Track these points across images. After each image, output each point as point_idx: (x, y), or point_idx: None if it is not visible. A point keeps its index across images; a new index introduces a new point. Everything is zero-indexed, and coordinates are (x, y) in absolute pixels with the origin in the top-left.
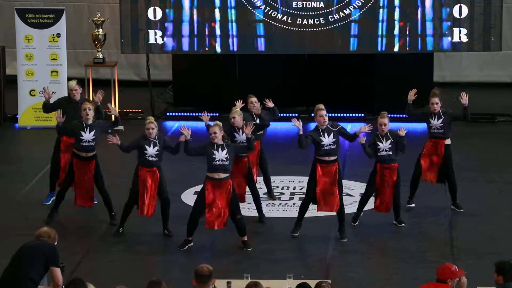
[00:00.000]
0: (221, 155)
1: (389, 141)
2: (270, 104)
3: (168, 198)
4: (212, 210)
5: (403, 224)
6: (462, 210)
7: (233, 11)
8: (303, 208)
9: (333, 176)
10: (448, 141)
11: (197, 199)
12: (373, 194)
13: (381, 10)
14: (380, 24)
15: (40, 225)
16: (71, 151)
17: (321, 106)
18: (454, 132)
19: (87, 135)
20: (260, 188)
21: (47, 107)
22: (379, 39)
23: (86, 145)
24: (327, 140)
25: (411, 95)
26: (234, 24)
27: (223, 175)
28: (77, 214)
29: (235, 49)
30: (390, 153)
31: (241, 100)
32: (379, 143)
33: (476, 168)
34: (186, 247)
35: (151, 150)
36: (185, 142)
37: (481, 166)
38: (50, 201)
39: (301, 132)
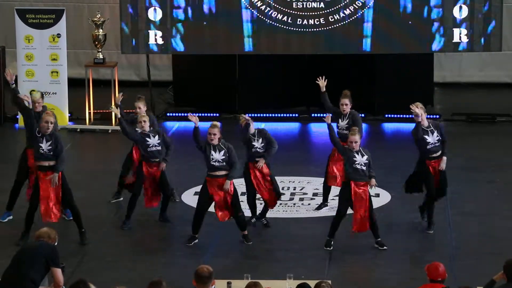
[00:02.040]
0: (218, 156)
1: (365, 156)
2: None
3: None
4: (217, 203)
5: (384, 247)
6: None
7: (233, 11)
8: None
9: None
10: None
11: (200, 196)
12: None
13: (381, 11)
14: (380, 24)
15: (40, 225)
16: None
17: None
18: (455, 132)
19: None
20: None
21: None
22: (379, 39)
23: (45, 154)
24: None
25: (322, 82)
26: (234, 24)
27: (222, 173)
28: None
29: (236, 49)
30: (365, 167)
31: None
32: (356, 156)
33: (476, 168)
34: (192, 243)
35: (153, 140)
36: (195, 128)
37: (481, 166)
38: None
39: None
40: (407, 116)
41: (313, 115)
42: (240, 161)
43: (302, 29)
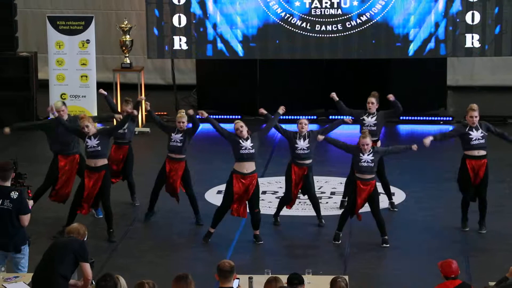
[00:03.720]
0: (247, 144)
1: (372, 155)
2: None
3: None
4: (238, 200)
5: (385, 245)
6: (396, 209)
7: (254, 18)
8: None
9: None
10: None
11: (225, 192)
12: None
13: (395, 17)
14: (395, 30)
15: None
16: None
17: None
18: None
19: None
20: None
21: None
22: (395, 44)
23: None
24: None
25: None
26: (255, 30)
27: (250, 169)
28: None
29: (257, 54)
30: (372, 164)
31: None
32: (362, 155)
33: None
34: (209, 239)
35: (176, 136)
36: (210, 122)
37: (492, 166)
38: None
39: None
40: (422, 118)
41: (330, 117)
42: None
43: (320, 35)
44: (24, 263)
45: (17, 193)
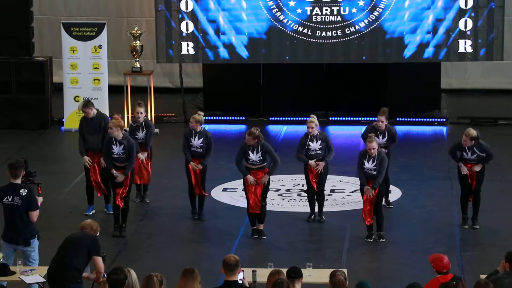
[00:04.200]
0: (255, 156)
1: (374, 163)
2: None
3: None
4: (252, 197)
5: (382, 239)
6: (392, 206)
7: (258, 25)
8: None
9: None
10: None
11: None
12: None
13: (392, 24)
14: (392, 36)
15: (82, 218)
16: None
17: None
18: (461, 134)
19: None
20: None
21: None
22: (391, 49)
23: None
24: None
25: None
26: (259, 36)
27: (259, 166)
28: None
29: (260, 58)
30: (375, 173)
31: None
32: (365, 162)
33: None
34: (255, 235)
35: (196, 142)
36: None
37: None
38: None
39: None
40: (417, 119)
41: (330, 118)
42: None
43: (320, 40)
44: (34, 256)
45: (26, 191)
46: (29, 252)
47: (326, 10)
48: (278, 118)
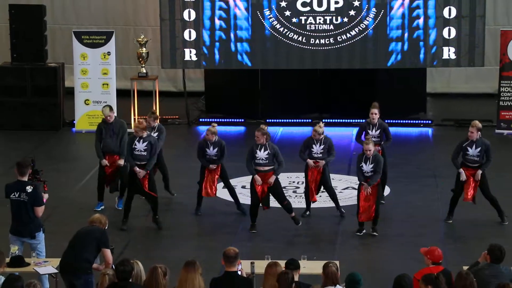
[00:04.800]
0: (262, 154)
1: (372, 165)
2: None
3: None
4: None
5: (375, 233)
6: (383, 202)
7: (256, 32)
8: None
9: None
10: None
11: (251, 192)
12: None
13: (381, 32)
14: (381, 43)
15: (92, 213)
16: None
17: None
18: (445, 135)
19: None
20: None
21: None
22: (381, 56)
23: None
24: None
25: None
26: (256, 43)
27: (266, 168)
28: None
29: (258, 64)
30: (371, 174)
31: None
32: (363, 164)
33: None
34: (254, 230)
35: (211, 151)
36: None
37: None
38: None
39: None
40: (404, 121)
41: (324, 120)
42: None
43: (314, 47)
44: (41, 248)
45: (32, 188)
46: (35, 244)
47: (320, 19)
48: (275, 120)
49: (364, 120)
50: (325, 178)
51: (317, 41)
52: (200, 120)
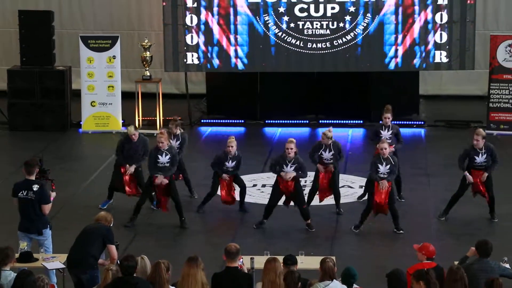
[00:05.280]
0: (288, 169)
1: (388, 166)
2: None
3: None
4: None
5: (401, 231)
6: (403, 200)
7: (255, 36)
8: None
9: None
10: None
11: (272, 192)
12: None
13: (376, 37)
14: (376, 47)
15: (97, 210)
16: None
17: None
18: (437, 135)
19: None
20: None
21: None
22: (375, 59)
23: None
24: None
25: None
26: (256, 47)
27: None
28: (129, 204)
29: (257, 68)
30: (387, 175)
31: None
32: (380, 166)
33: (454, 165)
34: (260, 227)
35: (229, 164)
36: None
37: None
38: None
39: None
40: (397, 122)
41: (320, 121)
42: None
43: (311, 51)
44: (48, 244)
45: (38, 186)
46: (42, 240)
47: (316, 24)
48: (274, 121)
49: (360, 121)
50: (333, 180)
51: (314, 45)
52: (202, 121)
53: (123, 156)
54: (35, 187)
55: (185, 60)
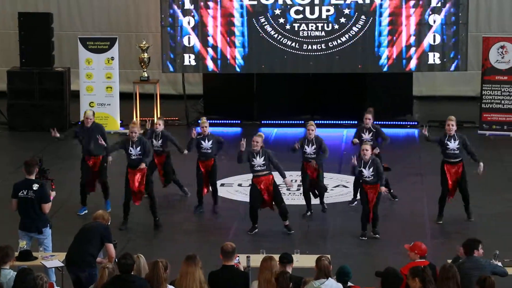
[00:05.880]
0: (259, 161)
1: (371, 169)
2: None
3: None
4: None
5: (377, 236)
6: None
7: (252, 38)
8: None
9: None
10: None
11: (250, 194)
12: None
13: (370, 38)
14: (370, 49)
15: (95, 209)
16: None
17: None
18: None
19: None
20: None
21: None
22: (370, 60)
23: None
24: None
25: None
26: (252, 49)
27: (264, 172)
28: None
29: (254, 69)
30: (372, 178)
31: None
32: (364, 170)
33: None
34: (253, 232)
35: (206, 144)
36: (240, 152)
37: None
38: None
39: None
40: (391, 122)
41: (316, 122)
42: None
43: (307, 53)
44: (47, 243)
45: (38, 185)
46: (42, 239)
47: (312, 26)
48: (270, 122)
49: (355, 122)
50: (319, 175)
51: (310, 46)
52: (199, 121)
53: (82, 146)
54: (35, 186)
55: (182, 62)
